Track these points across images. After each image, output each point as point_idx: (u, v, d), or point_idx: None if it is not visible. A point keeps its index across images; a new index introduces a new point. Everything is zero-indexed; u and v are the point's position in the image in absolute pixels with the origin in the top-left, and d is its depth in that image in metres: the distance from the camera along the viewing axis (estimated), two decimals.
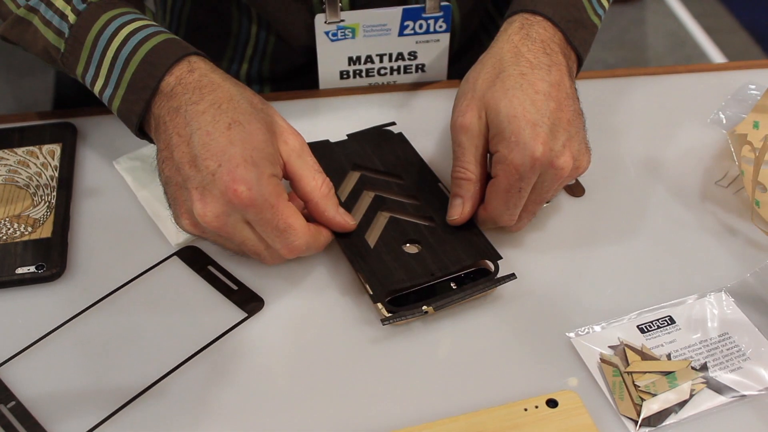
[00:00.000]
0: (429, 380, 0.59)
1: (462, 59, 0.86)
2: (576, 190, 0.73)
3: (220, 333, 0.61)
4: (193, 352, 0.59)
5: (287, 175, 0.61)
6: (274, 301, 0.64)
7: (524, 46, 0.65)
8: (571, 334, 0.61)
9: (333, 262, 0.66)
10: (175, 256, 0.66)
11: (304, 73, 0.84)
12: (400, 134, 0.74)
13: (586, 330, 0.61)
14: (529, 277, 0.65)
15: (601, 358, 0.60)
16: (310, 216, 0.63)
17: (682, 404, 0.57)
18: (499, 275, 0.63)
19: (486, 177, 0.65)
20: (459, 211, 0.64)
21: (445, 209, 0.66)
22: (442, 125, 0.77)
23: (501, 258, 0.63)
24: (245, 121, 0.58)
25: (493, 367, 0.59)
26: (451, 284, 0.62)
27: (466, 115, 0.63)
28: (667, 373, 0.58)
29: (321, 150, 0.70)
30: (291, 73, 0.86)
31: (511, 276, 0.63)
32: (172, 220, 0.61)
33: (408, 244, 0.65)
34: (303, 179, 0.61)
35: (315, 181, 0.61)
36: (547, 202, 0.68)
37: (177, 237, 0.67)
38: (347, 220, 0.63)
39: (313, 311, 0.63)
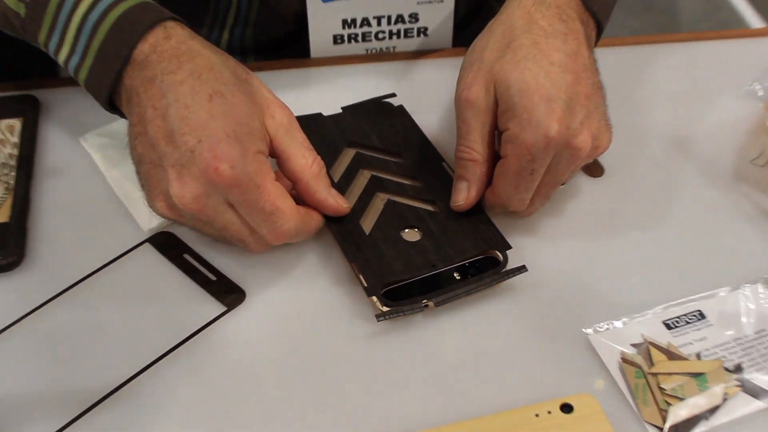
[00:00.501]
0: (429, 382, 0.59)
1: (469, 26, 0.85)
2: (595, 169, 0.73)
3: (197, 329, 0.60)
4: (166, 350, 0.59)
5: (274, 153, 0.61)
6: (256, 293, 0.63)
7: (537, 12, 0.64)
8: (589, 331, 0.61)
9: (324, 249, 0.66)
10: (147, 243, 0.65)
11: (292, 42, 0.83)
12: (401, 107, 0.74)
13: (606, 326, 0.61)
14: (541, 268, 0.65)
15: (622, 358, 0.59)
16: (300, 198, 0.63)
17: (714, 410, 0.56)
18: (507, 267, 0.62)
19: (494, 157, 0.64)
20: (464, 195, 0.64)
21: (449, 192, 0.66)
22: (447, 98, 0.75)
23: (510, 247, 0.63)
24: (228, 92, 0.58)
25: (501, 368, 0.59)
26: (455, 274, 0.62)
27: (472, 88, 0.63)
28: (696, 375, 0.58)
29: (312, 124, 0.69)
30: (277, 43, 0.85)
31: (522, 269, 0.63)
32: (145, 202, 0.61)
33: (407, 230, 0.64)
34: (291, 157, 0.61)
35: (305, 159, 0.61)
36: (563, 184, 0.67)
37: (150, 221, 0.66)
38: (340, 203, 0.63)
39: (301, 305, 0.63)
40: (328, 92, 0.78)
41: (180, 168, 0.56)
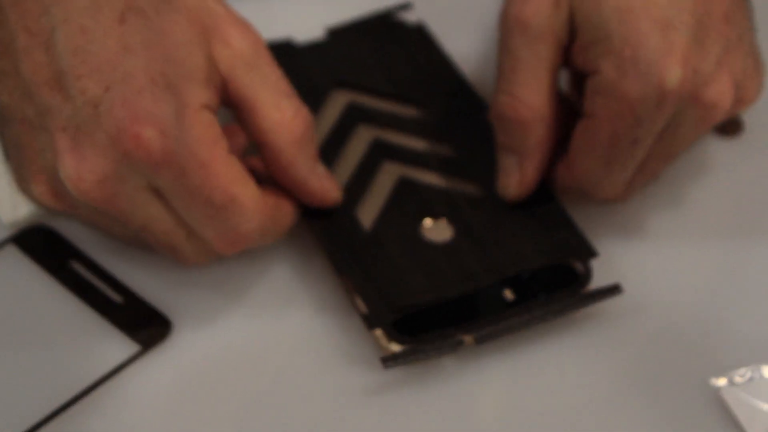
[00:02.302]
0: None
1: None
2: (729, 125, 0.72)
3: (91, 382, 0.59)
4: (40, 418, 0.58)
5: (230, 101, 0.60)
6: (189, 324, 0.62)
7: None
8: (722, 382, 0.60)
9: (298, 256, 0.66)
10: (10, 244, 0.65)
11: None
12: (420, 27, 0.73)
13: (749, 374, 0.61)
14: (643, 285, 0.64)
15: None
16: (262, 173, 0.62)
17: None
18: (592, 286, 0.62)
19: (559, 113, 0.64)
20: (514, 177, 0.64)
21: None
22: (494, 12, 0.71)
23: (596, 254, 0.62)
24: (151, 7, 0.57)
25: None
26: (506, 292, 0.62)
27: (529, 1, 0.63)
28: None
29: (280, 58, 0.67)
30: None
31: (614, 289, 0.61)
32: (11, 183, 0.61)
33: (430, 221, 0.64)
34: (259, 108, 0.60)
35: (280, 112, 0.60)
36: None
37: (14, 210, 0.65)
38: (328, 188, 0.63)
39: (262, 343, 0.62)
40: (305, 4, 0.77)
41: (75, 132, 0.55)
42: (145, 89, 0.55)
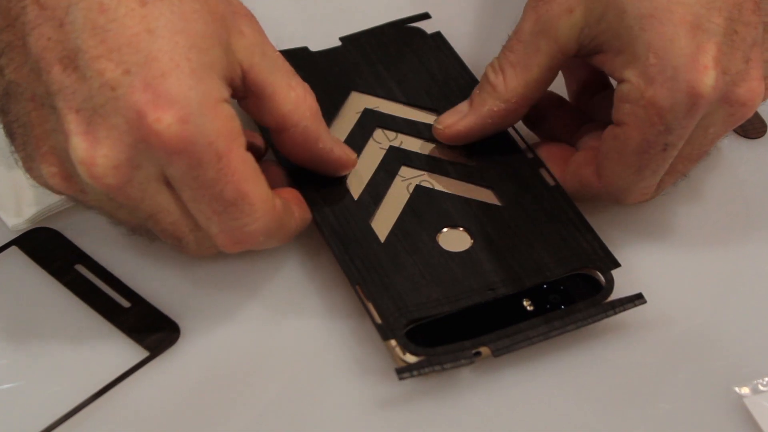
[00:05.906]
0: None
1: None
2: (751, 126, 0.72)
3: (97, 389, 0.59)
4: (46, 425, 0.57)
5: (245, 91, 0.61)
6: (197, 329, 0.62)
7: None
8: (745, 391, 0.60)
9: (312, 258, 0.65)
10: (13, 247, 0.65)
11: None
12: (438, 36, 0.74)
13: None
14: (665, 293, 0.64)
15: None
16: (274, 179, 0.63)
17: None
18: (614, 296, 0.61)
19: (532, 103, 0.66)
20: (452, 119, 0.67)
21: (515, 172, 0.66)
22: (513, 21, 0.71)
23: (618, 265, 0.62)
24: None
25: None
26: (524, 302, 0.61)
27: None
28: None
29: (296, 64, 0.68)
30: None
31: (637, 299, 0.61)
32: (21, 167, 0.59)
33: (447, 230, 0.64)
34: (277, 92, 0.61)
35: (295, 91, 0.61)
36: None
37: (17, 212, 0.66)
38: (347, 152, 0.64)
39: (273, 350, 0.62)
40: (321, 11, 0.79)
41: (90, 114, 0.54)
42: (169, 74, 0.54)
